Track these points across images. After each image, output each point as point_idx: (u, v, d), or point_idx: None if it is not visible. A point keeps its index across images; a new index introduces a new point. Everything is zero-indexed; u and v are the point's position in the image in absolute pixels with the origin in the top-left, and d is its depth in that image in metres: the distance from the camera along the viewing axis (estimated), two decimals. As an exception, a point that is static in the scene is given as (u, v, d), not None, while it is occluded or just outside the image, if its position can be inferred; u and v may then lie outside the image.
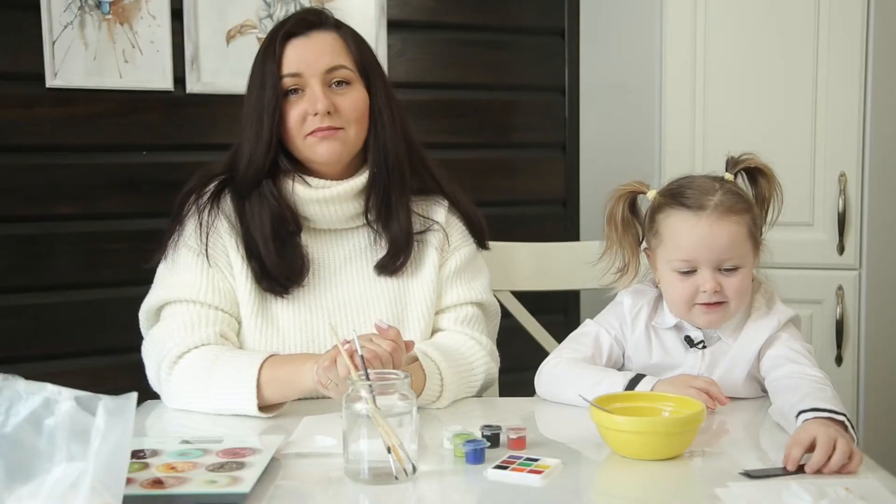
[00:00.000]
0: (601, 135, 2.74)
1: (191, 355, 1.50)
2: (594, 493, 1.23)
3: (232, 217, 1.59)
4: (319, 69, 1.56)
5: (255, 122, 1.56)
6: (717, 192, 1.47)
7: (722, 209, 1.45)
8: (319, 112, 1.54)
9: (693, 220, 1.46)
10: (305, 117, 1.55)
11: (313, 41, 1.58)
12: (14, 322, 2.22)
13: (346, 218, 1.62)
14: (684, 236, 1.47)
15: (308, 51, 1.57)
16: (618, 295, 1.61)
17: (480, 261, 1.74)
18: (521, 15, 2.70)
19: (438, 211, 1.69)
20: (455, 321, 1.65)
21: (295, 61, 1.55)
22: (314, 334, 1.57)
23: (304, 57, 1.56)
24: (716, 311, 1.47)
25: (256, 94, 1.56)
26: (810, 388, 1.35)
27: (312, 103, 1.54)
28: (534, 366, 1.96)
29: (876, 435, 2.44)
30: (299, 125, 1.56)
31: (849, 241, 2.45)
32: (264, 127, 1.55)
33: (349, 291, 1.62)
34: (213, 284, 1.55)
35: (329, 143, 1.56)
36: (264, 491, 1.14)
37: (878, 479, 1.15)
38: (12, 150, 2.20)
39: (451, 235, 1.69)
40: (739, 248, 1.45)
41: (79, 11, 2.20)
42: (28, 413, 0.97)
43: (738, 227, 1.46)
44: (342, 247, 1.64)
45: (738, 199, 1.48)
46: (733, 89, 2.50)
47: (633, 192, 1.55)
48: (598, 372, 1.50)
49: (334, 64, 1.57)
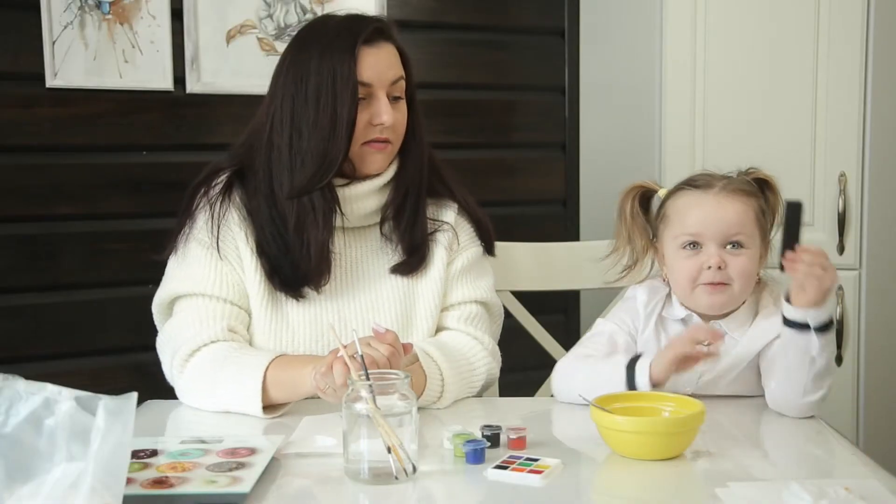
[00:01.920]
0: (601, 135, 2.74)
1: (200, 354, 1.51)
2: (594, 493, 1.23)
3: (243, 210, 1.59)
4: (387, 81, 1.57)
5: (329, 124, 1.53)
6: (726, 178, 1.51)
7: (730, 188, 1.49)
8: (385, 124, 1.56)
9: (701, 196, 1.49)
10: (367, 125, 1.56)
11: (384, 52, 1.58)
12: (14, 322, 2.22)
13: (364, 215, 1.63)
14: (692, 211, 1.49)
15: (381, 61, 1.57)
16: (629, 290, 1.61)
17: (486, 263, 1.75)
18: (521, 15, 2.70)
19: (448, 213, 1.71)
20: (458, 319, 1.65)
21: (368, 70, 1.55)
22: (324, 329, 1.57)
23: (375, 67, 1.56)
24: (720, 293, 1.47)
25: (327, 93, 1.53)
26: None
27: (378, 115, 1.56)
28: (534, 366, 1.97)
29: (876, 435, 2.44)
30: (362, 133, 1.56)
31: (849, 241, 2.45)
32: (343, 131, 1.53)
33: (362, 288, 1.62)
34: (222, 278, 1.56)
35: (380, 156, 1.59)
36: (264, 491, 1.14)
37: (878, 479, 1.16)
38: (12, 150, 2.20)
39: (459, 235, 1.70)
40: (746, 227, 1.47)
41: (79, 11, 2.20)
42: (28, 413, 0.97)
43: (745, 207, 1.48)
44: (360, 244, 1.65)
45: (748, 185, 1.51)
46: (733, 89, 2.51)
47: (644, 188, 1.57)
48: (606, 360, 1.50)
49: (397, 76, 1.59)
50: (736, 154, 2.30)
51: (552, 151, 2.77)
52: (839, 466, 1.29)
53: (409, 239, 1.64)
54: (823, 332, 1.36)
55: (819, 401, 1.41)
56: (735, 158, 1.65)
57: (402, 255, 1.64)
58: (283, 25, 2.38)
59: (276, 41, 2.37)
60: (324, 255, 1.56)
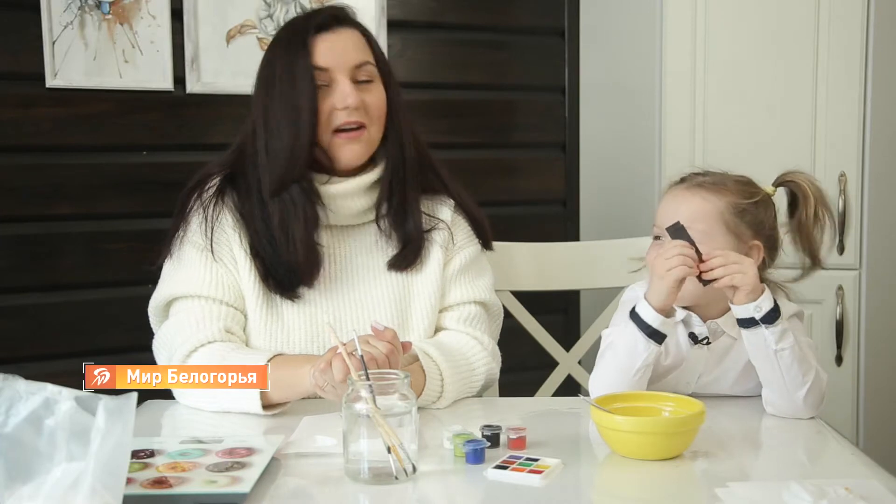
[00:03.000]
0: (601, 135, 2.74)
1: (197, 354, 1.50)
2: (594, 493, 1.23)
3: (236, 213, 1.59)
4: (348, 64, 1.56)
5: (291, 116, 1.54)
6: (712, 176, 1.52)
7: (696, 183, 1.51)
8: (349, 107, 1.55)
9: (673, 190, 1.53)
10: (332, 112, 1.56)
11: (341, 36, 1.58)
12: (14, 322, 2.22)
13: (357, 213, 1.63)
14: (662, 204, 1.53)
15: (337, 45, 1.57)
16: (626, 292, 1.61)
17: (484, 261, 1.74)
18: (521, 15, 2.70)
19: (444, 210, 1.70)
20: (458, 320, 1.65)
21: (324, 56, 1.55)
22: (319, 329, 1.57)
23: (332, 51, 1.56)
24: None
25: (287, 88, 1.54)
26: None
27: (342, 98, 1.55)
28: (534, 366, 1.97)
29: (876, 435, 2.44)
30: (327, 120, 1.56)
31: (849, 241, 2.45)
32: (304, 121, 1.53)
33: (356, 287, 1.62)
34: (218, 279, 1.56)
35: (353, 146, 1.57)
36: (264, 491, 1.14)
37: (878, 479, 1.15)
38: (12, 150, 2.20)
39: (455, 234, 1.69)
40: (700, 223, 1.46)
41: (79, 11, 2.20)
42: (28, 413, 0.97)
43: (704, 203, 1.48)
44: (351, 242, 1.64)
45: (725, 183, 1.50)
46: (733, 89, 2.51)
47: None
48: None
49: (361, 60, 1.58)
50: (736, 154, 2.32)
51: (552, 151, 2.77)
52: (839, 466, 1.29)
53: (401, 231, 1.63)
54: (771, 323, 1.38)
55: (810, 396, 1.41)
56: (735, 158, 1.66)
57: (397, 249, 1.64)
58: (282, 25, 2.38)
59: (276, 41, 2.37)
60: (310, 249, 1.56)
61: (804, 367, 1.40)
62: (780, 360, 1.38)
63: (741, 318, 1.40)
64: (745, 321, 1.40)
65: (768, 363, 1.40)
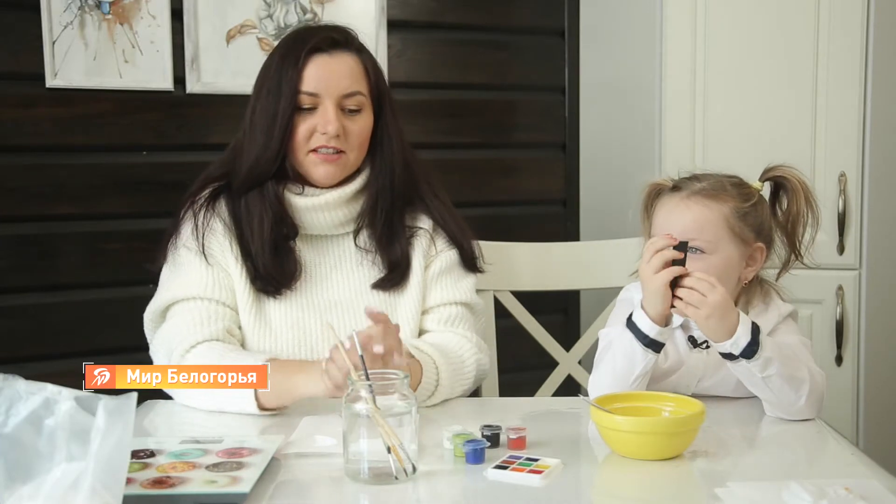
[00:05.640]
0: (601, 135, 2.74)
1: (197, 350, 1.51)
2: (594, 493, 1.23)
3: (227, 219, 1.61)
4: (337, 93, 1.57)
5: (267, 128, 1.56)
6: (708, 181, 1.50)
7: (695, 191, 1.48)
8: (329, 134, 1.56)
9: (668, 200, 1.50)
10: (313, 133, 1.57)
11: (336, 61, 1.58)
12: (14, 322, 2.22)
13: (336, 224, 1.64)
14: (658, 214, 1.50)
15: (330, 71, 1.57)
16: (623, 292, 1.61)
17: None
18: (521, 15, 2.70)
19: (424, 219, 1.70)
20: (439, 322, 1.65)
21: (315, 80, 1.56)
22: (306, 333, 1.58)
23: (324, 77, 1.57)
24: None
25: (271, 100, 1.56)
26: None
27: (324, 124, 1.56)
28: (534, 366, 1.97)
29: (876, 435, 2.44)
30: (305, 140, 1.57)
31: (849, 241, 2.45)
32: (275, 135, 1.56)
33: (339, 293, 1.63)
34: (215, 280, 1.57)
35: (329, 167, 1.59)
36: (264, 491, 1.14)
37: (878, 479, 1.16)
38: (12, 150, 2.20)
39: (437, 239, 1.69)
40: (707, 233, 1.45)
41: (79, 11, 2.20)
42: (28, 413, 0.97)
43: (707, 211, 1.46)
44: (332, 252, 1.65)
45: (722, 188, 1.49)
46: (733, 89, 2.50)
47: (659, 186, 1.57)
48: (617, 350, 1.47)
49: (352, 90, 1.58)
50: (736, 154, 2.32)
51: (552, 151, 2.77)
52: (839, 466, 1.29)
53: (388, 256, 1.64)
54: (750, 357, 1.35)
55: (808, 403, 1.40)
56: (735, 158, 1.65)
57: (382, 270, 1.64)
58: (283, 25, 2.39)
59: (276, 41, 2.37)
60: (278, 252, 1.58)
61: (794, 384, 1.38)
62: (769, 384, 1.38)
63: (721, 353, 1.38)
64: (725, 355, 1.38)
65: (758, 388, 1.40)
